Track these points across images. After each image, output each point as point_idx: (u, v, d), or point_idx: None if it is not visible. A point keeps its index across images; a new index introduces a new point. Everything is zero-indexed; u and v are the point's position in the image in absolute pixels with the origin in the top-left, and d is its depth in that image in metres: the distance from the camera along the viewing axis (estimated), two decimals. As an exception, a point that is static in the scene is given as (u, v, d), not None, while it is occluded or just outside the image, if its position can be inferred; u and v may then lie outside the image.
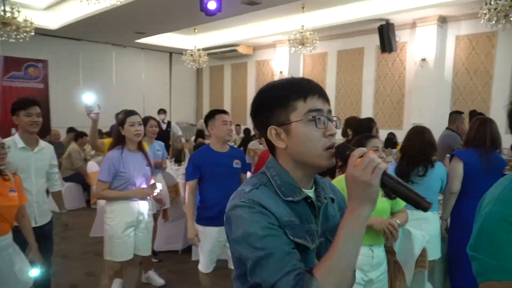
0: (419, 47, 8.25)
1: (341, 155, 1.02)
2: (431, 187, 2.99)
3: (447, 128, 5.23)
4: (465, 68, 8.05)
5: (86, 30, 9.72)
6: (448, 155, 4.05)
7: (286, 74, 10.62)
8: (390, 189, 0.93)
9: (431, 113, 8.03)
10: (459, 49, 8.09)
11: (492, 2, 5.66)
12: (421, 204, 0.91)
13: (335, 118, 1.08)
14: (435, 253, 2.96)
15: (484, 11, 5.77)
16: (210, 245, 3.01)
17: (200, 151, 3.14)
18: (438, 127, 7.61)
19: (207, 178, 3.02)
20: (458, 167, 3.02)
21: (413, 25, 8.35)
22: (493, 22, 5.76)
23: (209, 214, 2.99)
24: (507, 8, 5.55)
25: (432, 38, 8.07)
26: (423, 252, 2.76)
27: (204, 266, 3.04)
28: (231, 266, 3.17)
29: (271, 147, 1.14)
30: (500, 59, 7.58)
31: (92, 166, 6.08)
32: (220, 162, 3.03)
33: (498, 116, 4.01)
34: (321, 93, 1.09)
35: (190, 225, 2.99)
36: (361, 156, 0.95)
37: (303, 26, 7.92)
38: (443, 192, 3.17)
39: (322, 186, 1.18)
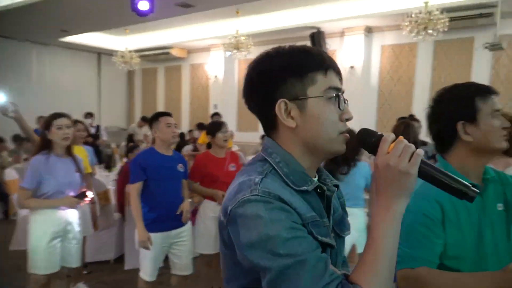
0: (348, 55, 8.66)
1: (364, 142, 0.88)
2: (355, 185, 3.17)
3: None
4: (389, 76, 8.59)
5: (0, 25, 8.94)
6: (373, 156, 4.32)
7: (221, 79, 10.61)
8: (430, 178, 0.82)
9: (359, 118, 8.43)
10: (384, 58, 8.62)
11: (413, 15, 6.11)
12: (467, 194, 0.80)
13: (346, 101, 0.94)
14: (361, 246, 3.12)
15: (406, 23, 6.20)
16: (154, 252, 2.91)
17: (145, 152, 3.07)
18: (365, 130, 8.05)
19: (152, 180, 2.93)
20: None
21: (342, 33, 8.74)
22: (414, 34, 6.21)
23: (153, 219, 2.90)
24: (427, 21, 6.02)
25: (359, 47, 8.51)
26: (353, 248, 2.89)
27: (148, 274, 2.94)
28: (175, 272, 3.12)
29: (271, 127, 0.94)
30: (420, 68, 8.18)
31: (10, 174, 5.61)
32: (166, 165, 2.98)
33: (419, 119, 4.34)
34: (339, 71, 0.94)
35: (140, 228, 2.86)
36: (393, 142, 0.82)
37: (237, 30, 7.97)
38: (369, 190, 3.37)
39: (326, 173, 1.02)
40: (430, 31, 6.09)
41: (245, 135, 10.19)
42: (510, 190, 1.38)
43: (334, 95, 0.89)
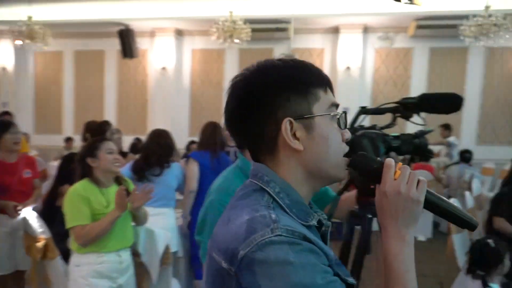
0: (159, 55, 8.60)
1: (364, 167, 0.81)
2: (167, 185, 3.21)
3: None
4: (200, 80, 8.90)
5: None
6: (184, 158, 4.48)
7: (11, 72, 9.15)
8: (433, 206, 0.79)
9: (172, 120, 8.47)
10: (194, 62, 8.87)
11: (220, 23, 6.47)
12: (471, 223, 0.79)
13: None
14: (174, 245, 3.13)
15: (214, 30, 6.54)
16: None
17: None
18: (180, 133, 8.11)
19: None
20: (194, 168, 3.29)
21: (152, 33, 8.63)
22: (221, 40, 6.60)
23: None
24: (232, 29, 6.47)
25: (169, 49, 8.54)
26: (167, 249, 2.87)
27: None
28: None
29: (267, 151, 0.80)
30: (228, 73, 8.68)
31: None
32: None
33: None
34: (332, 87, 0.84)
35: None
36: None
37: (30, 17, 6.99)
38: (182, 191, 3.42)
39: (314, 204, 0.89)
40: (236, 40, 6.58)
41: (45, 138, 9.06)
42: None
43: (342, 112, 0.81)
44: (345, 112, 0.82)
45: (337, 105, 0.82)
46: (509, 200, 3.24)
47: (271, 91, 0.77)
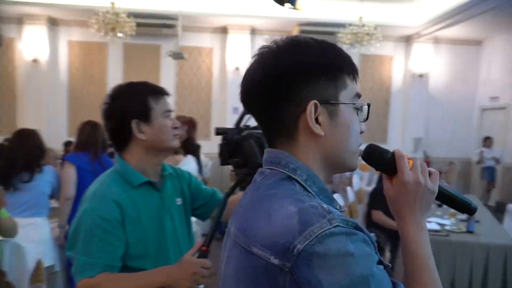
0: (30, 46, 7.70)
1: (378, 158, 0.80)
2: (40, 192, 2.89)
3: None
4: (79, 74, 8.19)
5: None
6: (59, 160, 4.09)
7: None
8: (440, 194, 0.82)
9: (48, 119, 7.70)
10: (73, 54, 8.13)
11: (100, 14, 6.01)
12: (471, 207, 0.83)
13: None
14: (49, 258, 2.84)
15: (94, 21, 6.06)
16: None
17: None
18: (57, 133, 7.40)
19: None
20: (71, 172, 3.01)
21: (20, 20, 7.68)
22: (102, 33, 6.14)
23: None
24: (114, 22, 6.06)
25: (43, 39, 7.70)
26: (39, 264, 2.58)
27: None
28: None
29: (285, 135, 0.76)
30: (112, 68, 8.13)
31: None
32: None
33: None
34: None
35: None
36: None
37: None
38: (58, 198, 3.10)
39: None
40: (119, 34, 6.19)
41: None
42: (186, 184, 1.50)
43: (367, 104, 0.80)
44: (369, 105, 0.81)
45: (360, 96, 0.80)
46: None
47: (302, 71, 0.73)
